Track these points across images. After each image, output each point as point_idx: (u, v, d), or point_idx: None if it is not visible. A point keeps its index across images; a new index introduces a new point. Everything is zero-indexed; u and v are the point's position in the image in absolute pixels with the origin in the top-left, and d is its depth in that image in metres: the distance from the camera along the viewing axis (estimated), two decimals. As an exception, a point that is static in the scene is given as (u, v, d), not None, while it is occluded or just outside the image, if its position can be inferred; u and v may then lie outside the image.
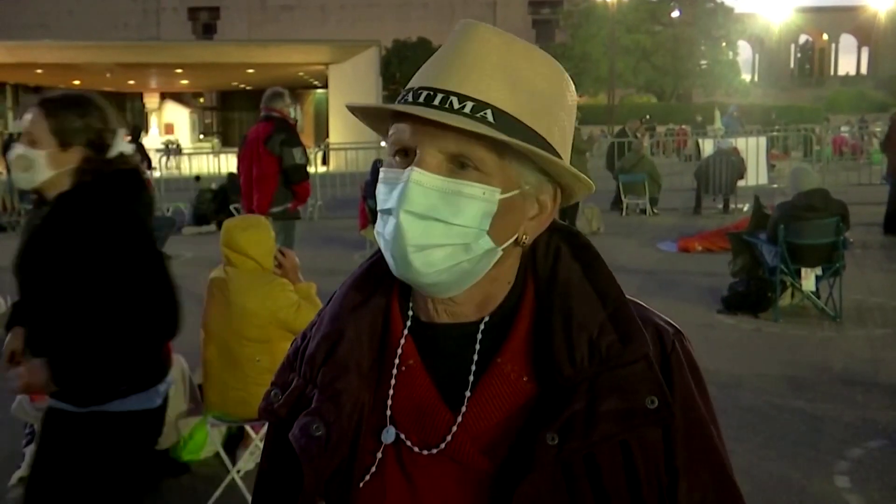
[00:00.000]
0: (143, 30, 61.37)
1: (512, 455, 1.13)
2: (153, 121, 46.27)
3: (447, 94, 1.10)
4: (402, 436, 1.18)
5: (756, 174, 17.88)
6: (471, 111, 1.08)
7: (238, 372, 4.60)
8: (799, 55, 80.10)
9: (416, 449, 1.16)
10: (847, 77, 77.05)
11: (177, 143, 37.56)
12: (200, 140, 46.29)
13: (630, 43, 54.85)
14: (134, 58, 35.06)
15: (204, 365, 4.83)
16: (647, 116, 34.21)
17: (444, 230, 1.09)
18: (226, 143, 44.43)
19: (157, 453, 4.99)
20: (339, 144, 27.62)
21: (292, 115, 7.93)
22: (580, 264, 1.20)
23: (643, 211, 16.38)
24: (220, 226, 10.01)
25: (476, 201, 1.09)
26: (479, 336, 1.18)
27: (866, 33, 73.98)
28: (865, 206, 14.37)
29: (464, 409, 1.15)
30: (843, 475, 4.84)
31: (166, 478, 5.01)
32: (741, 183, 16.64)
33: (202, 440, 5.14)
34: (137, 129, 18.98)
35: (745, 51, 73.33)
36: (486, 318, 1.19)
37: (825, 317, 8.20)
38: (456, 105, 1.08)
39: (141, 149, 17.19)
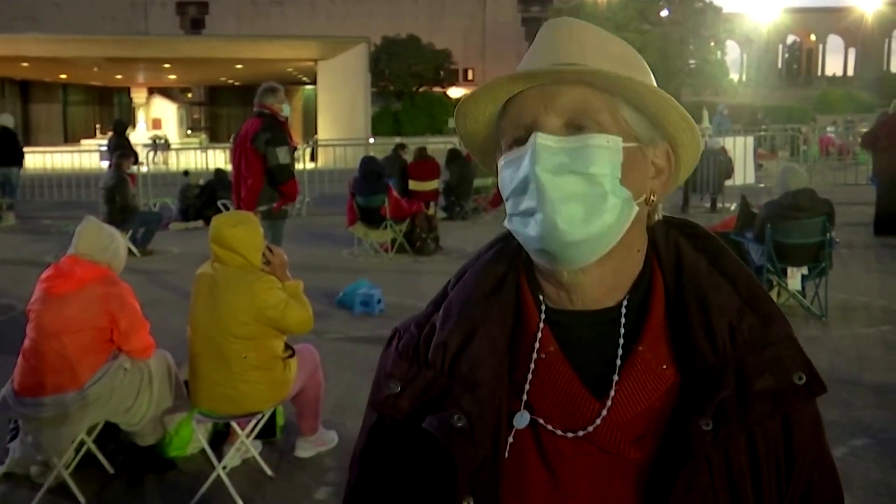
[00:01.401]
0: (131, 24, 61.06)
1: (663, 444, 1.13)
2: (140, 116, 46.04)
3: (554, 65, 1.14)
4: (541, 420, 1.17)
5: (743, 173, 17.92)
6: (579, 68, 1.13)
7: (225, 368, 4.59)
8: (787, 55, 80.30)
9: (559, 432, 1.16)
10: (834, 77, 77.29)
11: (164, 138, 37.37)
12: (188, 135, 46.10)
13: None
14: (121, 52, 34.91)
15: (191, 361, 4.82)
16: None
17: (581, 180, 1.10)
18: (213, 138, 44.31)
19: (143, 449, 4.99)
20: (328, 141, 27.63)
21: (284, 111, 7.88)
22: (704, 254, 1.22)
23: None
24: (207, 222, 10.03)
25: (603, 150, 1.12)
26: (623, 320, 1.18)
27: (853, 34, 74.22)
28: (852, 206, 14.44)
29: (612, 393, 1.15)
30: (827, 474, 4.86)
31: (152, 474, 5.00)
32: (729, 182, 16.68)
33: (188, 436, 5.12)
34: (123, 123, 18.83)
35: (733, 50, 73.44)
36: (626, 303, 1.19)
37: (811, 316, 8.23)
38: (566, 67, 1.13)
39: (127, 144, 17.11)
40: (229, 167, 8.76)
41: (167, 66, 38.69)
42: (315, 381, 5.11)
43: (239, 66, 37.65)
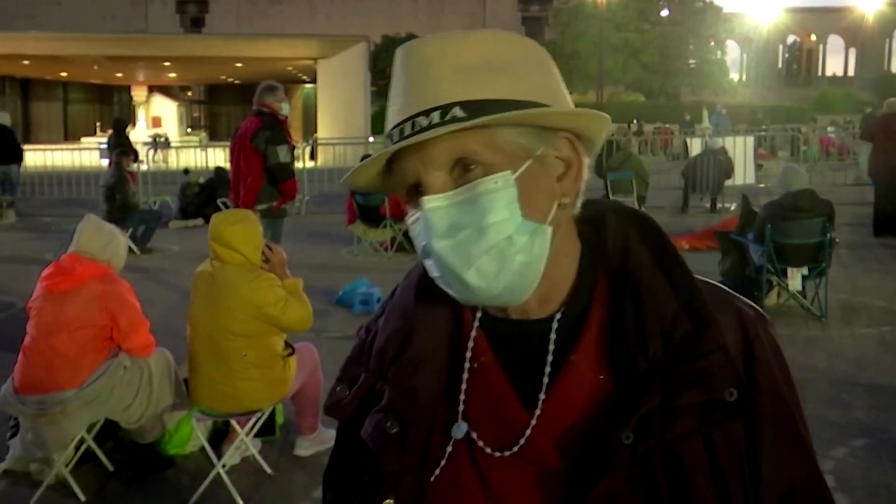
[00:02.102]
0: (130, 22, 61.07)
1: (588, 455, 1.09)
2: (140, 114, 46.06)
3: (412, 118, 1.08)
4: (475, 435, 1.14)
5: (743, 174, 17.93)
6: (440, 118, 1.05)
7: (224, 366, 4.59)
8: (787, 55, 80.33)
9: (489, 450, 1.13)
10: (834, 78, 77.33)
11: (165, 136, 37.39)
12: (188, 134, 46.10)
13: (619, 41, 54.93)
14: (122, 50, 34.89)
15: (190, 359, 4.82)
16: (635, 121, 34.22)
17: (480, 234, 1.05)
18: (213, 136, 44.29)
19: (143, 447, 4.99)
20: (328, 139, 27.61)
21: (284, 110, 7.87)
22: (650, 250, 1.16)
23: (630, 209, 16.40)
24: (207, 220, 9.99)
25: (494, 194, 1.05)
26: (553, 335, 1.14)
27: (854, 34, 74.24)
28: (851, 206, 14.44)
29: (538, 411, 1.12)
30: (827, 474, 4.80)
31: (151, 472, 4.99)
32: (728, 182, 16.68)
33: (187, 434, 5.12)
34: (123, 121, 18.84)
35: (733, 50, 73.50)
36: (558, 316, 1.15)
37: (811, 316, 8.23)
38: (424, 123, 1.06)
39: (127, 142, 17.11)
40: (229, 165, 8.74)
41: (167, 64, 38.69)
42: (314, 379, 5.11)
43: (239, 65, 37.63)
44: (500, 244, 1.05)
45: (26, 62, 36.17)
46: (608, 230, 1.18)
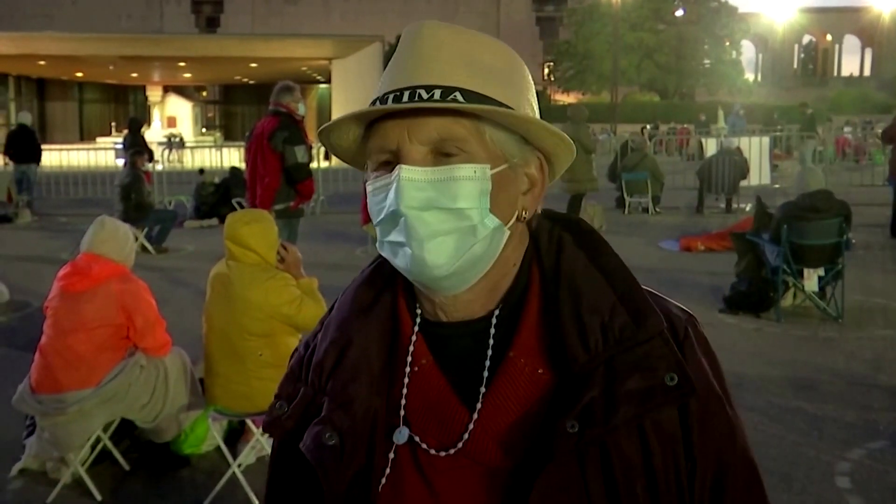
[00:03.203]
0: (146, 22, 61.34)
1: (530, 450, 1.10)
2: (156, 114, 46.25)
3: (413, 88, 1.10)
4: (417, 438, 1.16)
5: (759, 174, 17.86)
6: (441, 96, 1.09)
7: (240, 366, 4.60)
8: (802, 55, 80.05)
9: (433, 451, 1.14)
10: (850, 78, 77.00)
11: (179, 136, 37.50)
12: (203, 133, 46.25)
13: (633, 41, 54.83)
14: (137, 50, 35.03)
15: (206, 359, 4.83)
16: (647, 126, 34.13)
17: (448, 216, 1.09)
18: (228, 136, 44.40)
19: (159, 446, 5.01)
20: (342, 139, 27.59)
21: (300, 110, 7.88)
22: (585, 251, 1.19)
23: (645, 210, 16.37)
24: (222, 219, 9.88)
25: (470, 182, 1.09)
26: (493, 331, 1.16)
27: (870, 34, 73.91)
28: (868, 207, 14.36)
29: (479, 406, 1.13)
30: (843, 476, 4.84)
31: (167, 471, 5.01)
32: (743, 183, 16.63)
33: (203, 434, 5.13)
34: (138, 121, 18.92)
35: (748, 50, 73.24)
36: (497, 312, 1.17)
37: (827, 317, 8.19)
38: (425, 95, 1.09)
39: (142, 142, 17.17)
40: (244, 165, 8.76)
41: (182, 64, 38.82)
42: (330, 379, 5.11)
43: (253, 65, 37.73)
44: (464, 229, 1.10)
45: (42, 62, 36.35)
46: (541, 234, 1.22)
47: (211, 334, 4.76)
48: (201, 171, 17.95)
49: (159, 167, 19.82)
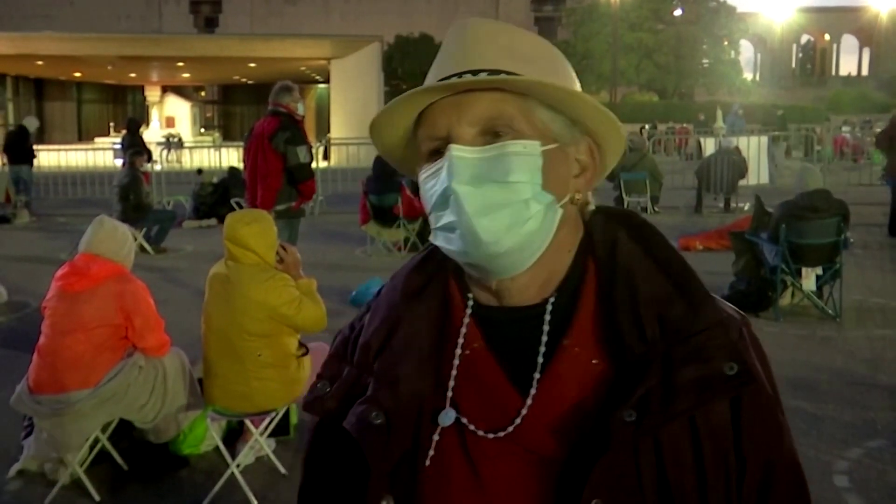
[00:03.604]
0: (144, 22, 61.30)
1: (584, 438, 1.10)
2: (154, 114, 46.21)
3: (460, 73, 1.12)
4: (465, 420, 1.15)
5: (757, 174, 17.87)
6: (488, 76, 1.11)
7: (239, 366, 4.60)
8: (801, 55, 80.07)
9: (481, 432, 1.13)
10: (848, 77, 77.02)
11: (178, 136, 37.48)
12: (201, 134, 46.22)
13: (632, 41, 54.80)
14: (135, 50, 35.01)
15: (205, 359, 4.83)
16: (646, 126, 34.15)
17: (501, 190, 1.09)
18: (227, 136, 44.39)
19: (157, 447, 5.00)
20: (341, 139, 27.66)
21: (300, 110, 7.88)
22: (639, 243, 1.19)
23: (644, 209, 16.37)
24: (220, 220, 9.80)
25: (521, 157, 1.10)
26: (548, 317, 1.16)
27: (868, 34, 73.94)
28: (866, 206, 14.37)
29: (533, 391, 1.12)
30: (842, 475, 4.84)
31: (166, 471, 5.00)
32: (742, 182, 16.63)
33: (202, 434, 5.13)
34: (136, 122, 18.90)
35: (747, 50, 73.33)
36: (552, 299, 1.17)
37: (825, 316, 8.20)
38: (472, 77, 1.11)
39: (140, 142, 17.17)
40: (242, 165, 8.73)
41: (181, 64, 38.80)
42: (328, 379, 5.10)
43: (252, 65, 37.71)
44: (517, 204, 1.10)
45: (40, 62, 36.32)
46: (595, 226, 1.22)
47: (210, 334, 4.76)
48: (199, 171, 17.95)
49: (158, 167, 19.81)
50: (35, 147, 17.89)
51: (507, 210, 1.09)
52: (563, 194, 1.15)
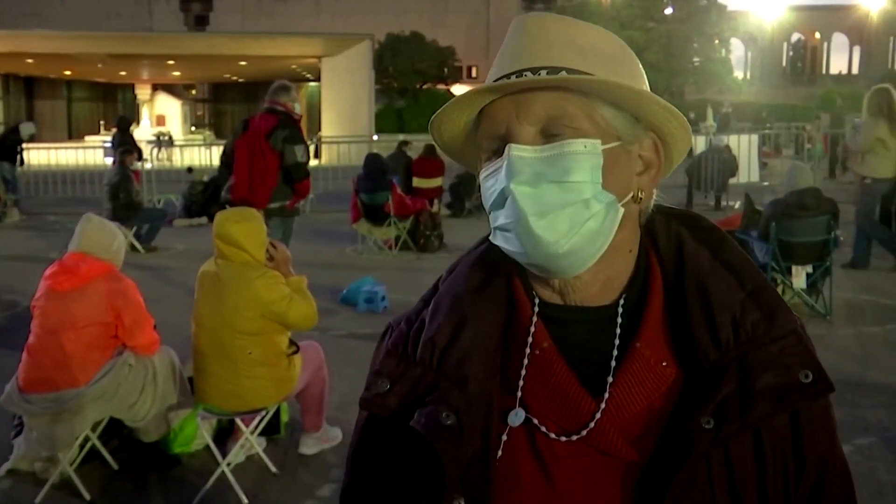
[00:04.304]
0: (135, 20, 61.10)
1: (661, 444, 1.10)
2: (144, 112, 46.13)
3: (521, 71, 1.11)
4: (536, 421, 1.13)
5: (748, 172, 17.90)
6: (548, 74, 1.09)
7: (230, 364, 4.60)
8: (791, 53, 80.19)
9: (554, 435, 1.12)
10: (839, 76, 77.18)
11: (168, 134, 37.40)
12: (192, 132, 46.14)
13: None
14: (126, 48, 34.90)
15: (195, 357, 4.82)
16: None
17: (560, 190, 1.07)
18: (218, 135, 44.30)
19: (148, 446, 4.99)
20: (332, 138, 27.63)
21: (297, 109, 7.85)
22: (707, 246, 1.18)
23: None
24: (211, 218, 9.80)
25: (580, 156, 1.08)
26: (619, 320, 1.15)
27: (858, 33, 74.11)
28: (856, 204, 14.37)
29: (607, 395, 1.12)
30: (832, 472, 4.85)
31: (156, 470, 5.00)
32: (733, 180, 16.66)
33: (192, 433, 5.13)
34: (127, 120, 18.84)
35: (737, 48, 73.34)
36: (622, 301, 1.16)
37: (815, 314, 8.21)
38: (531, 76, 1.09)
39: (131, 140, 17.12)
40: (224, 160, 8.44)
41: (171, 62, 38.70)
42: (319, 377, 5.11)
43: (243, 63, 37.63)
44: (576, 204, 1.07)
45: (30, 60, 36.17)
46: (658, 228, 1.21)
47: (200, 333, 4.75)
48: (190, 169, 17.91)
49: (148, 166, 19.74)
50: (25, 146, 17.85)
51: (566, 211, 1.07)
52: (626, 193, 1.12)
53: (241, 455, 4.96)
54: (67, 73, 43.33)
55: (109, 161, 17.70)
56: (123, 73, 43.40)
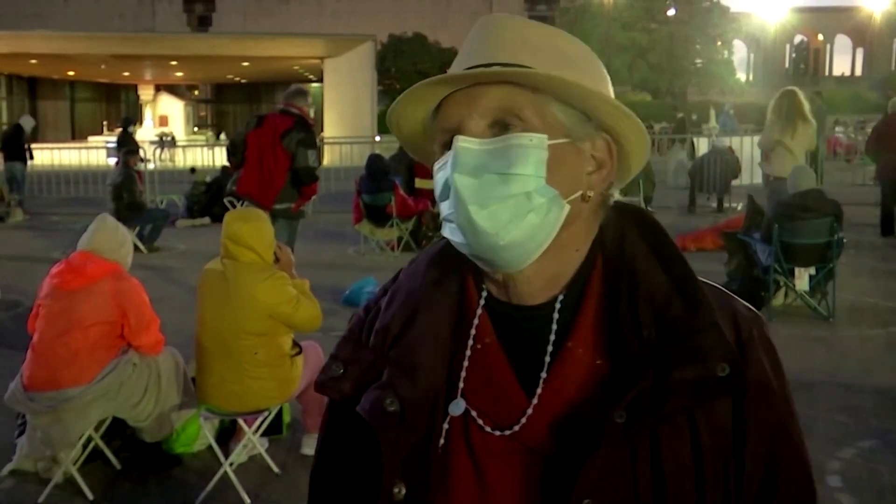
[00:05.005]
0: (138, 21, 61.16)
1: (579, 438, 1.10)
2: (147, 113, 46.15)
3: (475, 67, 1.13)
4: (474, 413, 1.15)
5: (750, 173, 17.87)
6: (500, 68, 1.11)
7: (234, 364, 4.60)
8: (794, 55, 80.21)
9: (488, 429, 1.14)
10: (842, 78, 77.14)
11: (171, 135, 37.43)
12: (195, 132, 46.17)
13: (626, 40, 54.87)
14: (129, 49, 34.95)
15: (199, 357, 4.82)
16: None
17: (502, 181, 1.08)
18: (220, 135, 44.34)
19: (150, 446, 5.00)
20: (334, 139, 27.63)
21: (311, 114, 7.88)
22: (646, 242, 1.19)
23: (637, 209, 16.37)
24: (213, 218, 9.71)
25: (525, 150, 1.09)
26: (556, 316, 1.16)
27: (861, 34, 74.06)
28: (859, 206, 14.38)
29: (539, 391, 1.13)
30: (834, 475, 4.85)
31: (159, 470, 5.00)
32: (735, 182, 16.64)
33: (195, 433, 5.13)
34: (131, 120, 18.87)
35: (740, 50, 73.37)
36: (561, 297, 1.17)
37: (818, 317, 8.21)
38: (483, 69, 1.11)
39: (132, 140, 17.15)
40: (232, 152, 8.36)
41: (174, 63, 38.74)
42: (321, 378, 5.10)
43: (245, 64, 37.66)
44: (518, 196, 1.09)
45: (34, 61, 36.22)
46: (607, 224, 1.21)
47: (204, 333, 4.75)
48: (193, 170, 17.91)
49: (151, 166, 19.75)
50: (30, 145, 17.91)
51: (507, 202, 1.08)
52: (573, 190, 1.13)
53: (244, 455, 4.96)
54: (71, 73, 43.38)
55: (112, 161, 17.72)
56: (126, 73, 43.44)
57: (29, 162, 17.93)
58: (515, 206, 1.09)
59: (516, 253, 1.11)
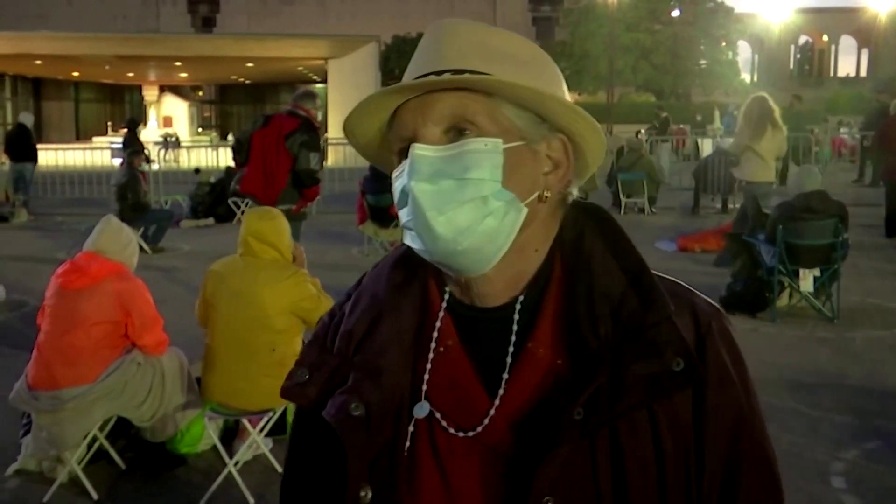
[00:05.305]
0: (142, 22, 61.26)
1: (541, 437, 1.10)
2: (152, 113, 46.19)
3: (426, 75, 1.13)
4: (438, 415, 1.16)
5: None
6: (451, 76, 1.11)
7: (249, 362, 4.61)
8: (798, 56, 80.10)
9: (452, 430, 1.15)
10: (847, 78, 77.04)
11: (175, 135, 37.47)
12: (199, 133, 46.20)
13: (629, 41, 54.79)
14: (133, 50, 34.98)
15: (208, 355, 4.83)
16: (642, 130, 34.26)
17: (458, 186, 1.09)
18: (224, 136, 44.39)
19: (155, 445, 5.01)
20: (338, 139, 27.58)
21: (318, 118, 7.88)
22: (603, 239, 1.19)
23: (641, 210, 16.37)
24: (218, 219, 9.72)
25: (481, 154, 1.10)
26: (516, 317, 1.17)
27: (866, 35, 73.95)
28: (864, 207, 14.37)
29: (501, 392, 1.14)
30: (838, 476, 4.85)
31: (163, 470, 5.01)
32: (739, 183, 16.62)
33: (199, 433, 5.14)
34: (135, 121, 18.91)
35: (744, 51, 73.31)
36: (521, 298, 1.18)
37: (822, 318, 8.20)
38: (434, 78, 1.12)
39: (136, 141, 17.17)
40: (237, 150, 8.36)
41: (178, 64, 38.76)
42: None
43: (249, 65, 37.68)
44: (475, 200, 1.10)
45: (38, 62, 36.27)
46: (566, 223, 1.21)
47: (217, 331, 4.76)
48: (197, 170, 17.92)
49: (155, 167, 19.78)
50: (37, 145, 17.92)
51: (464, 207, 1.09)
52: (530, 192, 1.14)
53: (248, 455, 4.97)
54: (75, 74, 43.44)
55: (117, 162, 17.74)
56: (131, 74, 43.49)
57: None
58: (473, 211, 1.09)
59: (476, 257, 1.12)
